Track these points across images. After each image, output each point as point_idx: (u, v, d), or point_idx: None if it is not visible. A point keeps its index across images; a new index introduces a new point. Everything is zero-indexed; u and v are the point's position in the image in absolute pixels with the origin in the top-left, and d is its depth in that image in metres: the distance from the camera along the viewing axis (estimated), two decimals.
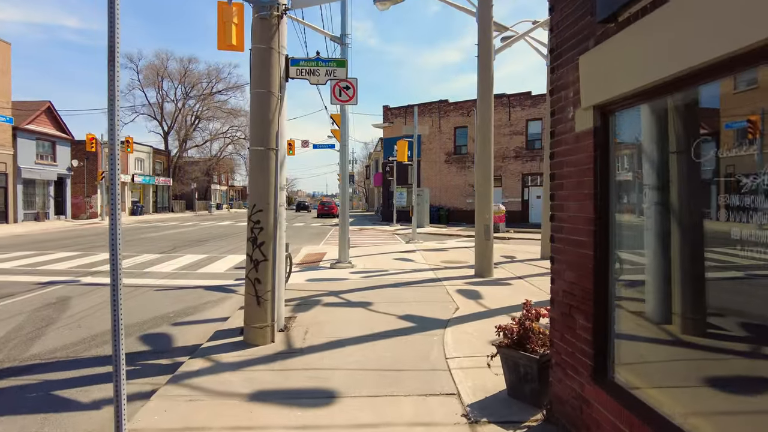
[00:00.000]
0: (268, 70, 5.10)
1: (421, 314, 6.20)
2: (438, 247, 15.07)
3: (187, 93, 54.03)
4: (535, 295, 7.35)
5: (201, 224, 29.94)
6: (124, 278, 9.56)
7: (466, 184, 29.67)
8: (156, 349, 5.42)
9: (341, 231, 10.43)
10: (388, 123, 32.36)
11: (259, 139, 5.08)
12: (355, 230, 24.40)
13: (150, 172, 46.85)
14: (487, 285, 8.24)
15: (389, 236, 20.98)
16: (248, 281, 5.09)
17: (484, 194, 9.09)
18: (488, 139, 9.18)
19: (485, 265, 9.02)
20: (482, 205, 9.09)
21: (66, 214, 32.68)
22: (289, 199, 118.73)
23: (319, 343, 5.05)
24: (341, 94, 10.15)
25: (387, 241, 18.05)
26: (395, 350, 4.82)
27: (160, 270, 10.70)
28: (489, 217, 9.07)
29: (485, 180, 9.13)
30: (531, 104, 27.51)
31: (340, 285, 8.26)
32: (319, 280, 8.83)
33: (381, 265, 10.61)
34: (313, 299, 7.21)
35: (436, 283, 8.36)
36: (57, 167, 31.61)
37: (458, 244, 16.08)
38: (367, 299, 7.14)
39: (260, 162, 5.08)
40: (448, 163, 30.16)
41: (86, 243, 16.78)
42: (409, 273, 9.54)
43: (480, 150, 9.20)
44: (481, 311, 6.38)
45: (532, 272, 9.66)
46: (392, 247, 15.13)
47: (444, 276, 9.13)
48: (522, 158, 27.87)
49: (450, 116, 29.95)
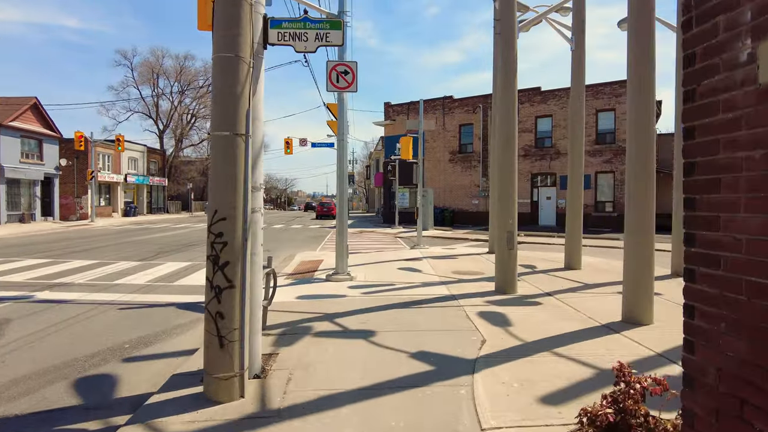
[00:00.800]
0: (236, 27, 3.73)
1: (439, 350, 4.83)
2: (446, 253, 13.69)
3: (183, 91, 52.70)
4: (576, 321, 5.98)
5: (194, 226, 28.58)
6: (86, 293, 8.12)
7: (471, 185, 28.29)
8: (88, 403, 4.05)
9: (339, 236, 9.07)
10: (389, 120, 31.05)
11: (223, 120, 3.72)
12: (354, 233, 23.03)
13: (144, 171, 45.53)
14: (513, 305, 6.87)
15: (391, 240, 19.61)
16: (208, 315, 3.72)
17: (506, 196, 7.72)
18: (512, 133, 7.81)
19: (508, 279, 7.65)
20: (504, 208, 7.72)
21: (54, 215, 31.33)
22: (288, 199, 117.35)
23: (303, 401, 3.69)
24: (339, 80, 8.81)
25: (389, 246, 16.68)
26: (409, 414, 3.46)
27: (131, 282, 9.34)
28: (513, 223, 7.70)
29: (508, 179, 7.76)
30: (540, 100, 26.14)
31: (336, 305, 6.89)
32: (312, 297, 7.46)
33: (384, 277, 9.25)
34: (302, 326, 5.84)
35: (452, 303, 6.99)
36: (44, 166, 30.26)
37: (467, 250, 14.71)
38: (369, 326, 5.77)
39: (224, 152, 3.71)
40: (452, 163, 28.80)
41: (62, 248, 15.42)
42: (417, 288, 8.17)
43: (501, 144, 7.84)
44: (515, 345, 5.01)
45: (560, 287, 8.29)
46: (395, 253, 13.75)
47: (459, 292, 7.75)
48: (531, 157, 26.49)
49: (455, 113, 28.59)
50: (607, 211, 24.34)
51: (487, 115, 27.68)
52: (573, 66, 10.54)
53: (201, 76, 53.17)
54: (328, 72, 8.69)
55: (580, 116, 10.51)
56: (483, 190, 27.76)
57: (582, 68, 10.51)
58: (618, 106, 23.84)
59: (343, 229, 8.98)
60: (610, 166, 24.20)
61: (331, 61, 8.74)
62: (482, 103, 27.74)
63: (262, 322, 5.72)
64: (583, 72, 10.53)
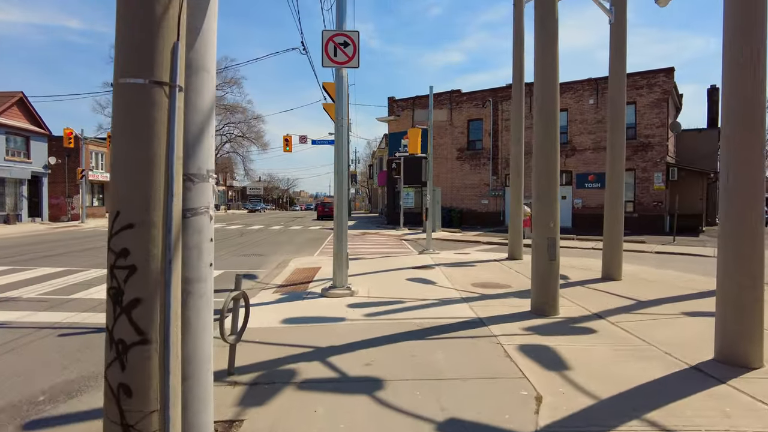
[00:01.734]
0: None
1: (476, 417, 3.30)
2: (460, 259, 12.15)
3: None
4: (653, 360, 4.42)
5: None
6: (30, 313, 6.49)
7: (480, 183, 26.73)
8: None
9: (337, 242, 7.53)
10: (393, 116, 29.58)
11: (131, 59, 2.19)
12: (356, 235, 21.52)
13: None
14: (561, 333, 5.33)
15: (396, 243, 18.09)
16: (107, 389, 2.21)
17: (547, 193, 6.17)
18: (552, 118, 6.27)
19: (549, 298, 6.11)
20: (545, 208, 6.17)
21: (42, 216, 29.93)
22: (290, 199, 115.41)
23: None
24: (337, 53, 7.31)
25: (395, 250, 15.16)
26: None
27: (90, 296, 7.85)
28: (555, 227, 6.15)
29: (549, 173, 6.22)
30: None
31: (332, 333, 5.36)
32: (302, 321, 5.94)
33: (391, 291, 7.72)
34: (284, 368, 4.32)
35: (481, 331, 5.45)
36: (31, 165, 28.87)
37: (483, 255, 13.16)
38: (374, 370, 4.24)
39: (134, 112, 2.19)
40: (460, 160, 27.24)
41: (34, 252, 13.96)
42: (434, 307, 6.64)
43: (541, 132, 6.29)
44: (586, 407, 3.47)
45: (609, 304, 6.74)
46: (402, 259, 12.22)
47: (487, 314, 6.21)
48: None
49: (463, 108, 27.03)
50: (627, 211, 22.73)
51: (497, 109, 26.13)
52: (612, 43, 8.99)
53: None
54: (323, 44, 7.18)
55: (621, 104, 8.96)
56: (493, 189, 26.20)
57: (623, 46, 8.94)
58: (638, 99, 22.25)
59: (341, 234, 7.45)
60: (629, 163, 22.58)
61: (327, 30, 7.23)
62: (492, 97, 26.19)
63: (228, 365, 4.21)
64: (625, 51, 8.97)
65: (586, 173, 23.32)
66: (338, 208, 7.51)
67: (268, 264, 12.04)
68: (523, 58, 11.69)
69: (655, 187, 21.87)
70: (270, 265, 11.90)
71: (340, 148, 7.24)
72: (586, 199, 23.49)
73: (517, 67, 11.63)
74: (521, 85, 11.83)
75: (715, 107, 27.41)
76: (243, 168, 63.13)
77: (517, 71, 11.65)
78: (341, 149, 7.24)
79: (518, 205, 11.85)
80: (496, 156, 26.27)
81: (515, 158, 11.89)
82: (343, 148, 7.25)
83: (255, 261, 12.53)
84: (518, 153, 11.88)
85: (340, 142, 7.35)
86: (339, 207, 7.50)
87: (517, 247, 11.75)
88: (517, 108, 11.84)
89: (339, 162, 7.29)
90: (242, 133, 56.94)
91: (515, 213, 11.83)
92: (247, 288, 9.39)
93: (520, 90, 11.82)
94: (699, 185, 22.84)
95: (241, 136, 57.33)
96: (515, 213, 11.83)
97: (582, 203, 23.15)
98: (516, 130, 11.94)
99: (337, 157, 7.31)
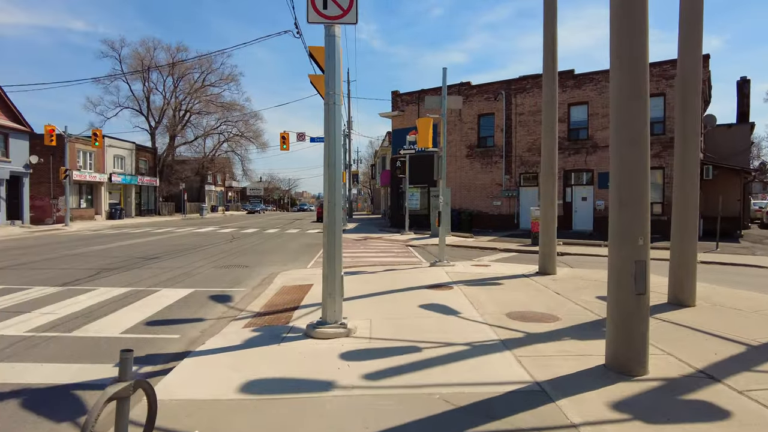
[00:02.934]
0: None
1: None
2: (480, 274, 10.18)
3: (176, 85, 49.49)
4: None
5: (177, 231, 25.28)
6: None
7: (492, 183, 24.74)
8: None
9: (327, 260, 5.50)
10: (397, 111, 27.65)
11: None
12: (358, 240, 19.59)
13: (132, 171, 42.36)
14: (676, 419, 3.36)
15: (402, 249, 16.14)
16: None
17: (634, 197, 4.22)
18: (639, 89, 4.31)
19: (637, 348, 4.14)
20: (630, 217, 4.21)
21: (23, 218, 28.09)
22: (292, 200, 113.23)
23: None
24: (327, 5, 5.40)
25: (401, 260, 13.21)
26: None
27: (7, 332, 5.91)
28: (645, 245, 4.18)
29: (639, 168, 4.26)
30: (574, 85, 22.54)
31: (313, 421, 3.40)
32: (271, 388, 3.99)
33: (402, 328, 5.75)
34: None
35: (548, 411, 3.48)
36: (10, 164, 27.04)
37: (505, 268, 11.19)
38: None
39: None
40: (470, 158, 25.26)
41: None
42: (464, 360, 4.66)
43: (625, 113, 4.33)
44: None
45: (709, 351, 4.77)
46: (412, 274, 10.26)
47: (546, 374, 4.23)
48: (563, 151, 22.82)
49: (473, 102, 25.04)
50: (655, 213, 20.68)
51: (510, 103, 24.15)
52: (683, 12, 7.02)
53: (195, 70, 49.96)
54: None
55: (695, 82, 7.00)
56: (506, 190, 24.20)
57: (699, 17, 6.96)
58: (669, 90, 20.22)
59: (333, 249, 5.47)
60: (658, 161, 20.58)
61: None
62: (505, 90, 24.20)
63: None
64: (701, 21, 6.99)
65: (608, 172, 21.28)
66: (330, 211, 5.53)
67: (251, 278, 10.12)
68: (555, 29, 9.71)
69: None
70: (253, 280, 9.98)
71: (332, 133, 5.28)
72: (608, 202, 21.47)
73: (549, 37, 9.66)
74: (554, 62, 9.85)
75: (746, 100, 25.33)
76: (242, 168, 61.19)
77: (549, 41, 9.67)
78: (333, 134, 5.27)
79: (551, 208, 9.89)
80: (510, 153, 24.28)
81: (548, 152, 9.92)
82: (336, 132, 5.29)
83: (237, 275, 10.60)
84: (551, 146, 9.92)
85: (332, 124, 5.39)
86: (331, 211, 5.53)
87: (550, 260, 9.79)
88: (549, 90, 9.87)
89: (330, 151, 5.33)
90: (240, 131, 55.02)
91: (548, 217, 9.87)
92: (215, 316, 7.42)
93: (552, 68, 9.85)
94: (735, 185, 20.78)
95: (239, 135, 55.41)
96: (548, 217, 9.87)
97: (604, 205, 21.12)
98: (548, 118, 9.96)
99: (328, 145, 5.35)
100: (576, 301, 7.24)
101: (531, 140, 23.54)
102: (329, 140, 5.37)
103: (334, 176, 5.33)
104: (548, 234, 9.88)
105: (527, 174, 23.88)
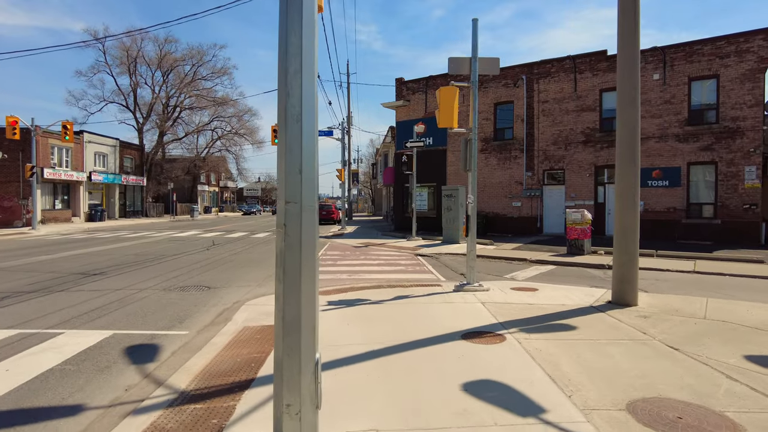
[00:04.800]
0: None
1: None
2: (534, 306, 7.18)
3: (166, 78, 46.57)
4: None
5: (153, 235, 22.31)
6: None
7: (511, 181, 21.76)
8: None
9: (285, 336, 2.47)
10: (402, 101, 24.70)
11: None
12: (358, 246, 16.60)
13: (116, 169, 39.42)
14: None
15: (411, 261, 13.13)
16: None
17: None
18: None
19: None
20: None
21: None
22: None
23: None
24: None
25: (413, 278, 10.22)
26: None
27: None
28: None
29: None
30: (607, 68, 19.55)
31: None
32: None
33: None
34: None
35: None
36: None
37: (563, 295, 8.16)
38: None
39: None
40: (485, 153, 22.28)
41: None
42: None
43: None
44: None
45: None
46: (435, 307, 7.27)
47: None
48: (594, 144, 19.88)
49: (489, 88, 22.07)
50: (705, 217, 17.71)
51: (532, 89, 21.17)
52: None
53: (186, 62, 47.05)
54: None
55: None
56: (528, 189, 21.23)
57: None
58: (722, 71, 17.24)
59: (299, 312, 2.44)
60: (709, 155, 17.59)
61: None
62: (526, 74, 21.22)
63: None
64: None
65: (649, 168, 18.31)
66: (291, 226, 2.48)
67: (205, 310, 7.16)
68: None
69: (747, 185, 16.83)
70: (207, 313, 7.01)
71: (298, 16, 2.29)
72: (649, 201, 18.46)
73: None
74: (635, 2, 6.85)
75: None
76: (236, 167, 58.21)
77: None
78: (299, 17, 2.29)
79: (630, 211, 6.90)
80: (531, 147, 21.30)
81: (629, 131, 6.91)
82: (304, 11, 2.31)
83: (189, 303, 7.64)
84: (633, 122, 6.91)
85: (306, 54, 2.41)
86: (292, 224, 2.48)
87: (630, 286, 6.81)
88: (631, 48, 6.87)
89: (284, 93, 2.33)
90: (234, 128, 52.09)
91: (626, 224, 6.88)
92: (107, 400, 3.45)
93: (633, 9, 6.85)
94: None
95: (233, 132, 52.48)
96: (626, 224, 6.88)
97: (643, 207, 18.14)
98: (627, 83, 6.95)
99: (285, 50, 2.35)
100: (722, 370, 4.26)
101: (557, 132, 20.56)
102: (291, 30, 2.37)
103: (300, 139, 2.32)
104: (627, 248, 6.89)
105: (552, 170, 20.89)
